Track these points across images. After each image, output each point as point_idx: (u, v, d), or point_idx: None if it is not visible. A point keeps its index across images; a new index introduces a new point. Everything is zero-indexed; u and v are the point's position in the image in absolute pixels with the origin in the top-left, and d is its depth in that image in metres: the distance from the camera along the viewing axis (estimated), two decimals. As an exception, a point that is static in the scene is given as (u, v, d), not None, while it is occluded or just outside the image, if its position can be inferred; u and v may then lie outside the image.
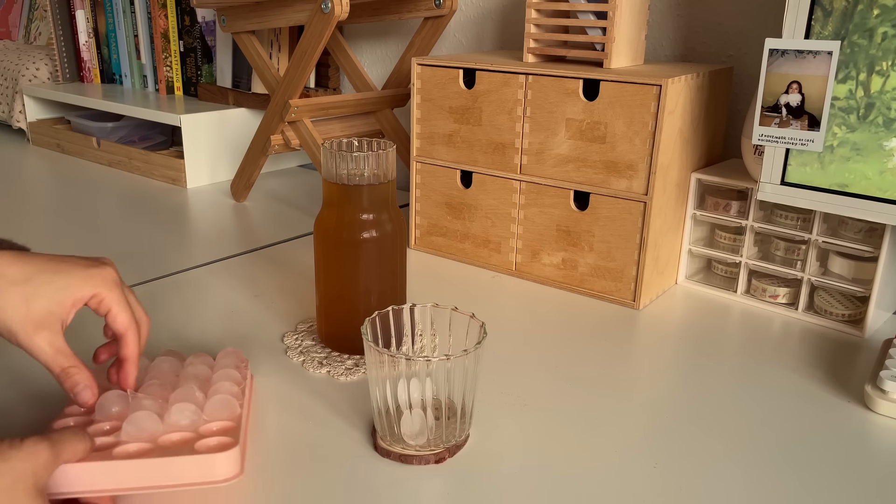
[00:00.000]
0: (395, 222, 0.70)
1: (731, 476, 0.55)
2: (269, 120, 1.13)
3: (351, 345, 0.71)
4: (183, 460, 0.49)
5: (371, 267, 0.69)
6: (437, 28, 1.17)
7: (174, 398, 0.54)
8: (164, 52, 1.55)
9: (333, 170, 0.67)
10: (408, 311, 0.59)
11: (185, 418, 0.52)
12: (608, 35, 0.84)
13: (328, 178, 0.68)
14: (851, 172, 0.72)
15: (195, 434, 0.52)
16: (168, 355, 0.63)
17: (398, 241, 0.70)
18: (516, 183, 0.90)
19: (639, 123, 0.79)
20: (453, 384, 0.54)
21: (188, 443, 0.50)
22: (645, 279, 0.83)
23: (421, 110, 0.97)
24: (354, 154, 0.67)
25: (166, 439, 0.51)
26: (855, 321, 0.80)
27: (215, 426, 0.53)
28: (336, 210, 0.68)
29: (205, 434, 0.52)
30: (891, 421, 0.63)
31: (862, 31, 0.68)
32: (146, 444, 0.50)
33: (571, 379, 0.68)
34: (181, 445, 0.50)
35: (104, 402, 0.54)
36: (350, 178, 0.67)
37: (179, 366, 0.62)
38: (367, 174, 0.68)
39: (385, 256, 0.69)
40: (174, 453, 0.49)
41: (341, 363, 0.69)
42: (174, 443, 0.51)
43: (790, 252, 0.85)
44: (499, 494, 0.52)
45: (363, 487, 0.52)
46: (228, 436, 0.51)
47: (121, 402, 0.54)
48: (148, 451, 0.49)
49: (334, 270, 0.69)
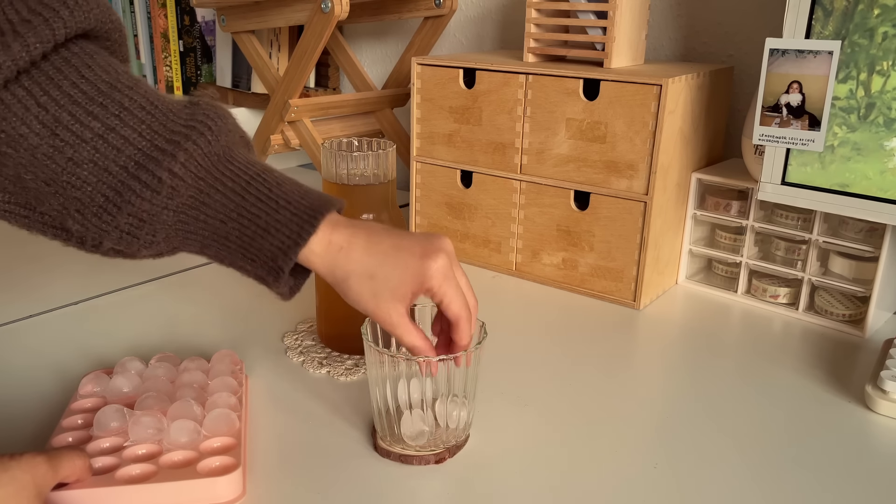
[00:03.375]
0: (394, 222, 0.70)
1: (731, 476, 0.55)
2: (268, 120, 1.13)
3: (351, 345, 0.71)
4: (186, 485, 0.48)
5: None
6: (437, 28, 1.17)
7: (172, 414, 0.54)
8: (164, 51, 1.55)
9: (333, 169, 0.67)
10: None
11: (185, 436, 0.52)
12: (608, 35, 0.84)
13: (328, 178, 0.68)
14: (852, 172, 0.72)
15: (196, 453, 0.51)
16: (162, 360, 0.63)
17: None
18: (516, 183, 0.90)
19: (639, 123, 0.79)
20: (453, 385, 0.54)
21: (190, 464, 0.50)
22: (645, 279, 0.83)
23: (421, 110, 0.97)
24: (354, 154, 0.67)
25: (167, 460, 0.51)
26: (855, 321, 0.80)
27: (216, 443, 0.53)
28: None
29: (205, 452, 0.51)
30: (891, 421, 0.62)
31: (862, 31, 0.68)
32: (148, 465, 0.50)
33: (571, 379, 0.68)
34: (183, 467, 0.50)
35: (101, 418, 0.54)
36: (350, 178, 0.67)
37: (174, 371, 0.62)
38: (367, 174, 0.68)
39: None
40: (176, 477, 0.49)
41: (341, 363, 0.69)
42: (175, 463, 0.50)
43: (791, 252, 0.85)
44: (499, 495, 0.52)
45: (363, 488, 0.52)
46: (230, 455, 0.51)
47: (119, 417, 0.54)
48: (150, 473, 0.49)
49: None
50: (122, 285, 0.87)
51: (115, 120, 0.47)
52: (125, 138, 0.47)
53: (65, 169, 0.46)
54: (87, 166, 0.46)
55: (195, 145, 0.48)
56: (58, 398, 0.63)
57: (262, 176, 0.52)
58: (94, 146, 0.46)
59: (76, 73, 0.47)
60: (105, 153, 0.47)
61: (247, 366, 0.69)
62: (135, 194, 0.47)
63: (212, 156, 0.50)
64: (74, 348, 0.72)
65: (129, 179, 0.47)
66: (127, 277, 0.89)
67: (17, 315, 0.79)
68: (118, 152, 0.47)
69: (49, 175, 0.47)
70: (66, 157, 0.46)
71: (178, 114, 0.49)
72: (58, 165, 0.46)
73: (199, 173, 0.49)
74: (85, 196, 0.47)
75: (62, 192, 0.47)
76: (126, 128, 0.47)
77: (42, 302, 0.82)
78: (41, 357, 0.70)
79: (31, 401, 0.63)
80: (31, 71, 0.45)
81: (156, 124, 0.48)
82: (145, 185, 0.47)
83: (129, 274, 0.89)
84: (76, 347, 0.72)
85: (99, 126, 0.46)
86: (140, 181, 0.47)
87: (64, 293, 0.84)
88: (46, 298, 0.83)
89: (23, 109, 0.45)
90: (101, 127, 0.46)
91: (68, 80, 0.46)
